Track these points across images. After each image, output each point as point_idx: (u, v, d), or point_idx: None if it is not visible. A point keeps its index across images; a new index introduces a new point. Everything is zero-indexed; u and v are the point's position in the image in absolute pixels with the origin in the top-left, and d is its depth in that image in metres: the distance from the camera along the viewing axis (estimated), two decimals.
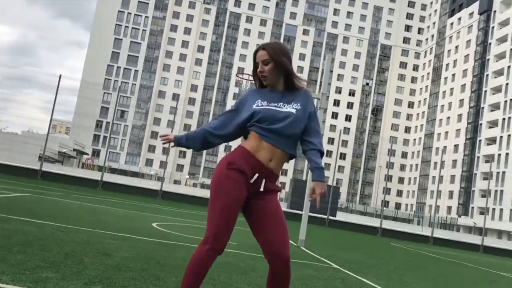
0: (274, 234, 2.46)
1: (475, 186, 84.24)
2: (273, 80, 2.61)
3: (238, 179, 2.46)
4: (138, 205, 14.93)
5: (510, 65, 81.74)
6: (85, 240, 5.68)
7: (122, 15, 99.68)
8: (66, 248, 4.87)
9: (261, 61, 2.59)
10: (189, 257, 5.64)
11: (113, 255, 4.93)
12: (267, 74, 2.58)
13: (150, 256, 5.28)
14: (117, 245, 5.66)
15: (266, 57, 2.57)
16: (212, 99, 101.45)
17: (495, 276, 11.12)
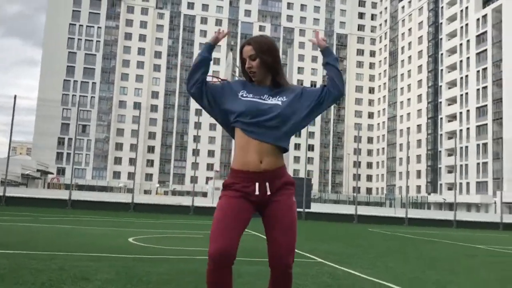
0: (277, 239, 2.40)
1: (441, 163, 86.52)
2: (262, 76, 2.54)
3: (232, 195, 2.42)
4: (111, 220, 14.56)
5: (462, 42, 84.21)
6: (61, 266, 5.42)
7: (74, 28, 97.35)
8: (42, 278, 4.62)
9: (248, 57, 2.51)
10: (172, 270, 5.50)
11: (93, 278, 4.72)
12: (256, 69, 2.50)
13: (131, 274, 5.08)
14: (95, 267, 5.43)
15: (252, 52, 2.50)
16: (175, 104, 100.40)
17: (473, 250, 11.37)
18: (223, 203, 2.40)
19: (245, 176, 2.41)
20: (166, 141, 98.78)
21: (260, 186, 2.41)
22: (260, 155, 2.41)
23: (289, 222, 2.43)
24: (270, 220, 2.44)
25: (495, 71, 76.13)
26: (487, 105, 76.81)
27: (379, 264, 7.33)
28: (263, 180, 2.42)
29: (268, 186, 2.42)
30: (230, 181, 2.45)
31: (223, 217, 2.35)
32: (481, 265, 8.19)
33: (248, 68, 2.50)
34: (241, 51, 2.55)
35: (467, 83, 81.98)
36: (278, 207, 2.43)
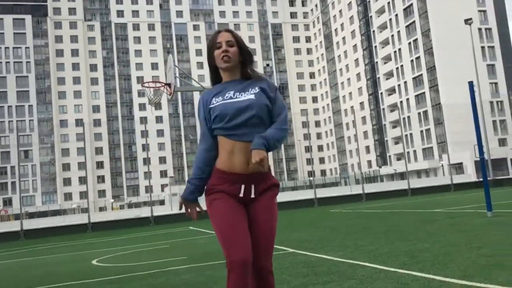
0: (255, 242, 2.32)
1: (387, 135, 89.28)
2: (234, 64, 2.44)
3: (221, 196, 2.33)
4: (70, 245, 13.96)
5: (391, 17, 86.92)
6: None
7: (0, 51, 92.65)
8: None
9: (226, 41, 2.42)
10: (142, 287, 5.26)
11: None
12: (231, 55, 2.42)
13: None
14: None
15: (232, 39, 2.44)
16: (118, 115, 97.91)
17: (432, 215, 11.73)
18: (221, 207, 2.31)
19: (231, 177, 2.33)
20: (114, 154, 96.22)
21: (245, 188, 2.34)
22: (246, 156, 2.31)
23: (268, 225, 2.37)
24: (250, 222, 2.36)
25: (425, 40, 79.12)
26: (422, 74, 79.81)
27: (349, 244, 7.39)
28: (249, 182, 2.34)
29: (253, 188, 2.35)
30: (214, 182, 2.36)
31: (231, 223, 2.27)
32: (444, 229, 8.43)
33: (224, 52, 2.41)
34: (215, 36, 2.46)
35: (401, 56, 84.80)
36: (258, 209, 2.37)
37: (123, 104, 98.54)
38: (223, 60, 2.42)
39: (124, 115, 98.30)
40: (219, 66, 2.46)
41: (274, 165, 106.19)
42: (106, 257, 9.30)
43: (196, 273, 6.03)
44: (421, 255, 5.65)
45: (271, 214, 2.39)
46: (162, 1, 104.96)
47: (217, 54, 2.43)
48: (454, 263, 4.88)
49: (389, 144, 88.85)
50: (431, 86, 78.22)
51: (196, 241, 11.00)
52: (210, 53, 2.47)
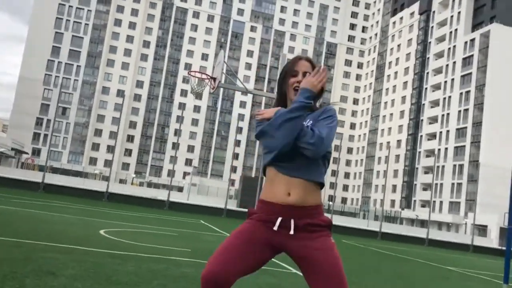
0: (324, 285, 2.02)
1: (417, 180, 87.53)
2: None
3: (250, 224, 2.14)
4: (84, 209, 14.16)
5: (448, 63, 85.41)
6: (26, 255, 5.14)
7: (63, 8, 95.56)
8: (4, 269, 4.34)
9: (303, 72, 2.24)
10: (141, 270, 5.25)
11: (59, 273, 4.45)
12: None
13: (100, 272, 4.83)
14: (63, 260, 5.16)
15: (309, 71, 2.25)
16: (159, 96, 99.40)
17: (446, 272, 11.36)
18: (238, 230, 2.14)
19: (269, 207, 2.12)
20: (146, 132, 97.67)
21: (283, 222, 2.09)
22: (288, 187, 2.11)
23: (334, 272, 2.04)
24: (307, 264, 2.08)
25: (478, 94, 77.35)
26: (467, 127, 78.00)
27: (356, 281, 7.20)
28: (289, 214, 2.09)
29: (292, 223, 2.08)
30: (254, 211, 2.19)
31: (228, 244, 2.09)
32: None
33: (298, 82, 2.23)
34: (294, 63, 2.28)
35: (450, 103, 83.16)
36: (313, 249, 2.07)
37: (166, 86, 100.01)
38: (295, 91, 2.24)
39: (165, 97, 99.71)
40: (288, 95, 2.27)
41: None
42: (114, 229, 9.37)
43: (196, 269, 5.99)
44: None
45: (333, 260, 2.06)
46: None
47: (291, 83, 2.26)
48: None
49: (417, 188, 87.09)
50: (473, 142, 76.34)
51: (204, 237, 10.97)
52: (284, 78, 2.29)
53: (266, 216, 2.11)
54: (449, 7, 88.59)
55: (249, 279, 5.54)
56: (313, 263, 2.06)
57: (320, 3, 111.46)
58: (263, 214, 2.13)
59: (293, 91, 2.24)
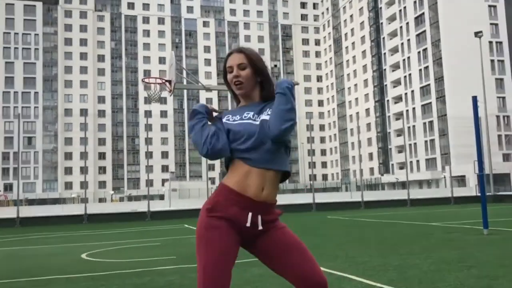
0: (301, 264, 2.10)
1: (391, 144, 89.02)
2: (249, 88, 2.20)
3: (222, 227, 2.05)
4: (63, 236, 13.92)
5: (402, 25, 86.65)
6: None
7: (9, 36, 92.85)
8: None
9: (237, 65, 2.16)
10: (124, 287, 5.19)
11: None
12: (244, 80, 2.17)
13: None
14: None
15: (244, 61, 2.17)
16: (123, 108, 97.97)
17: (429, 228, 11.62)
18: (213, 237, 2.03)
19: (241, 201, 2.06)
20: (117, 146, 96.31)
21: (252, 218, 2.07)
22: (263, 181, 2.08)
23: (298, 242, 2.15)
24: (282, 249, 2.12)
25: (435, 50, 78.81)
26: (430, 84, 79.50)
27: (341, 254, 7.30)
28: (259, 211, 2.09)
29: (260, 219, 2.09)
30: (221, 201, 2.07)
31: (213, 262, 2.01)
32: (438, 244, 8.32)
33: (235, 77, 2.16)
34: (226, 59, 2.21)
35: (410, 64, 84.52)
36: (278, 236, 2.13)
37: (128, 97, 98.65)
38: (236, 87, 2.19)
39: (129, 108, 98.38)
40: (235, 92, 2.23)
41: None
42: (96, 251, 9.24)
43: (181, 275, 5.96)
44: (410, 271, 5.55)
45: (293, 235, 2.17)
46: None
47: (229, 80, 2.20)
48: (442, 283, 4.78)
49: (393, 152, 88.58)
50: (438, 97, 77.92)
51: (188, 240, 10.92)
52: (225, 77, 2.23)
53: (237, 212, 2.06)
54: None
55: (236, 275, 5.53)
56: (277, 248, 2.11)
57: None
58: (234, 209, 2.06)
59: (234, 87, 2.19)
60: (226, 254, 2.03)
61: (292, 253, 2.11)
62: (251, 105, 2.22)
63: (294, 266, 2.09)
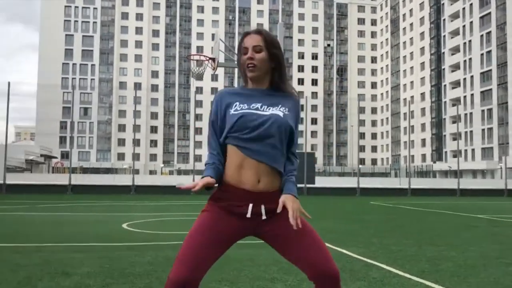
0: (312, 252, 2.06)
1: (446, 130, 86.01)
2: (261, 72, 2.14)
3: (222, 214, 2.07)
4: (110, 205, 14.48)
5: (465, 7, 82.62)
6: (45, 259, 5.29)
7: (70, 9, 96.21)
8: (20, 274, 4.49)
9: (253, 46, 2.11)
10: (157, 259, 5.35)
11: (73, 273, 4.58)
12: (258, 63, 2.10)
13: (114, 266, 4.94)
14: (80, 259, 5.29)
15: (260, 44, 2.11)
16: (175, 83, 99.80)
17: (474, 220, 11.20)
18: (204, 222, 2.06)
19: (238, 193, 2.06)
20: (168, 121, 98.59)
21: (253, 208, 2.06)
22: (258, 174, 2.06)
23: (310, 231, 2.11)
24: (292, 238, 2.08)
25: (499, 34, 74.78)
26: (492, 70, 75.77)
27: (375, 241, 7.18)
28: (258, 202, 2.07)
29: (263, 209, 2.07)
30: (219, 196, 2.09)
31: (197, 242, 2.01)
32: (481, 237, 8.01)
33: (249, 59, 2.11)
34: (242, 39, 2.16)
35: (471, 48, 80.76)
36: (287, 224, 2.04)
37: (181, 72, 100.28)
38: (248, 69, 2.13)
39: (181, 83, 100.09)
40: (245, 74, 2.16)
41: (324, 148, 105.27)
42: (137, 221, 9.56)
43: None
44: (444, 263, 5.38)
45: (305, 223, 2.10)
46: None
47: (243, 61, 2.14)
48: (475, 278, 4.61)
49: (447, 139, 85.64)
50: (499, 84, 74.21)
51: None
52: (239, 57, 2.17)
53: (236, 204, 2.06)
54: None
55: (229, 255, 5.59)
56: (286, 235, 2.07)
57: None
58: (231, 201, 2.07)
59: (247, 69, 2.13)
60: (210, 237, 2.03)
61: (299, 241, 2.07)
62: (259, 93, 2.17)
63: (304, 254, 2.06)
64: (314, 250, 2.06)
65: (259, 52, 2.11)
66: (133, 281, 4.31)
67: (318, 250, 2.07)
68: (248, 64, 2.11)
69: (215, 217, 2.07)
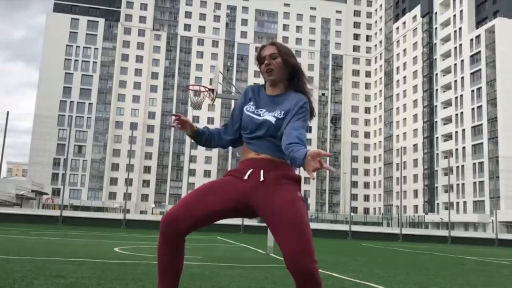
0: (285, 238, 2.07)
1: (438, 182, 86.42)
2: (278, 76, 2.40)
3: (227, 178, 2.32)
4: (101, 234, 14.43)
5: (456, 62, 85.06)
6: (39, 267, 5.36)
7: (71, 49, 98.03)
8: (15, 275, 4.56)
9: (269, 55, 2.40)
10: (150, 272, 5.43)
11: (68, 276, 4.66)
12: (274, 67, 2.38)
13: (107, 274, 5.02)
14: (73, 269, 5.37)
15: (275, 51, 2.39)
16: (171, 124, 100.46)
17: (463, 260, 11.28)
18: (209, 183, 2.31)
19: (244, 163, 2.31)
20: (162, 161, 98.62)
21: (252, 172, 2.23)
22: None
23: (294, 217, 2.09)
24: (270, 216, 2.16)
25: (490, 90, 76.74)
26: (482, 124, 77.18)
27: (365, 269, 7.27)
28: (258, 167, 2.24)
29: (262, 172, 2.21)
30: (234, 170, 2.37)
31: (193, 195, 2.23)
32: (469, 271, 8.10)
33: (266, 66, 2.39)
34: (260, 51, 2.44)
35: (462, 102, 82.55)
36: (276, 201, 2.14)
37: None
38: (267, 74, 2.40)
39: None
40: (266, 80, 2.44)
41: (317, 195, 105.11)
42: (128, 247, 9.58)
43: (204, 269, 6.14)
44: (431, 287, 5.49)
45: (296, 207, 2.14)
46: (229, 20, 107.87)
47: (262, 70, 2.41)
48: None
49: (439, 191, 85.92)
50: (490, 138, 75.41)
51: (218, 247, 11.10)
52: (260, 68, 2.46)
53: (238, 170, 2.29)
54: (450, 6, 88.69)
55: (257, 275, 5.68)
56: (277, 214, 2.11)
57: (322, 17, 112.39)
58: (235, 170, 2.31)
59: (266, 75, 2.41)
60: (204, 194, 2.23)
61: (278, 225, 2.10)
62: (270, 99, 2.42)
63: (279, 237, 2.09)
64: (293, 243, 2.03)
65: (274, 59, 2.39)
66: (127, 283, 4.40)
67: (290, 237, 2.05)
68: (266, 70, 2.39)
69: (220, 181, 2.31)
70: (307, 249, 2.04)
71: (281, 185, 2.18)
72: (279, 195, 2.15)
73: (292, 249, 2.02)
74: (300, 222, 2.08)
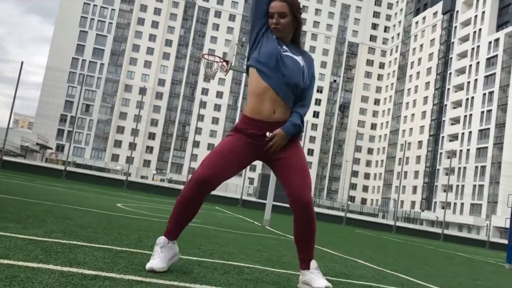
0: (293, 180, 2.52)
1: (438, 181, 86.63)
2: (285, 34, 2.56)
3: (240, 136, 2.56)
4: (104, 191, 14.77)
5: (472, 63, 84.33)
6: (47, 209, 5.63)
7: (88, 7, 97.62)
8: (27, 213, 4.83)
9: (277, 13, 2.50)
10: (152, 226, 5.71)
11: (76, 219, 4.93)
12: (282, 27, 2.52)
13: (112, 222, 5.30)
14: (80, 215, 5.64)
15: (285, 10, 2.50)
16: (180, 94, 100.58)
17: (451, 255, 11.56)
18: (228, 142, 2.53)
19: (257, 124, 2.52)
20: (167, 130, 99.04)
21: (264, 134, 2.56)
22: (274, 105, 2.50)
23: (302, 164, 2.57)
24: (281, 165, 2.57)
25: (502, 95, 76.26)
26: (490, 128, 76.94)
27: (356, 250, 7.54)
28: (272, 129, 2.54)
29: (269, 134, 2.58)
30: (241, 126, 2.56)
31: (220, 154, 2.49)
32: (456, 264, 8.38)
33: (274, 24, 2.52)
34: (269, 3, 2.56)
35: (472, 104, 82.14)
36: (287, 156, 2.56)
37: (187, 84, 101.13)
38: (274, 30, 2.55)
39: (186, 95, 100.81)
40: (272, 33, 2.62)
41: (316, 180, 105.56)
42: (130, 204, 9.88)
43: (203, 230, 6.42)
44: (417, 270, 5.76)
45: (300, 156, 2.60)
46: None
47: (270, 23, 2.56)
48: (442, 279, 4.99)
49: (438, 190, 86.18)
50: (496, 143, 75.24)
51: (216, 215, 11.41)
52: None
53: (254, 132, 2.54)
54: (473, 6, 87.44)
55: (252, 241, 5.95)
56: (287, 161, 2.56)
57: (342, 2, 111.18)
58: (252, 131, 2.54)
59: (272, 30, 2.59)
60: (230, 154, 2.51)
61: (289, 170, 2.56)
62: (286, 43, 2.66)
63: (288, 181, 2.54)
64: (298, 183, 2.51)
65: (283, 18, 2.54)
66: (132, 231, 4.67)
67: (300, 184, 2.52)
68: (274, 28, 2.57)
69: (236, 139, 2.56)
70: (310, 186, 2.55)
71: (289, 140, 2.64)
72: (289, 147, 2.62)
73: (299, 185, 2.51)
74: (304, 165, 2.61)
